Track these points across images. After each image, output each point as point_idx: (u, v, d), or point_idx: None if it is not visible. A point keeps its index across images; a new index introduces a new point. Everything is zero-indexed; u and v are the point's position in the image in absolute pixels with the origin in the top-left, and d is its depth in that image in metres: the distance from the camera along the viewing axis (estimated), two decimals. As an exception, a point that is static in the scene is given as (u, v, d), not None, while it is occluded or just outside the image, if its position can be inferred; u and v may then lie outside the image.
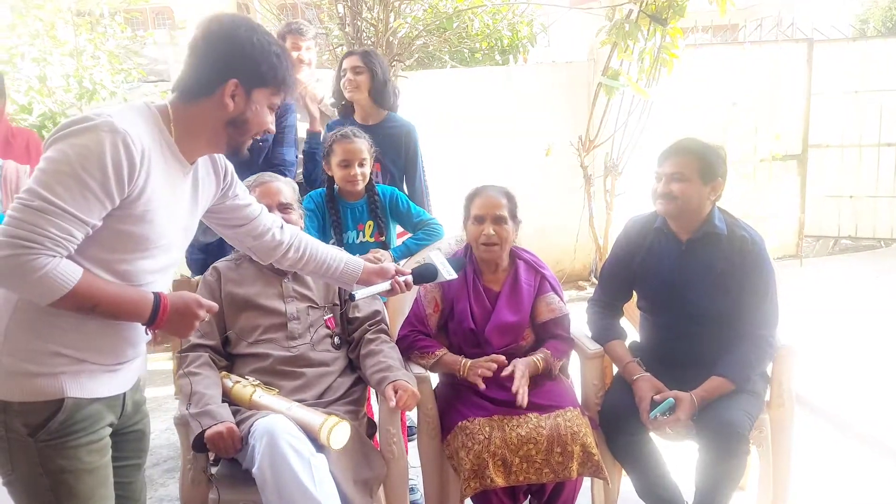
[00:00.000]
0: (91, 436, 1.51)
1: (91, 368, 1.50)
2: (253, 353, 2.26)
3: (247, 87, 1.50)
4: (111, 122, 1.36)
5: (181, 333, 1.58)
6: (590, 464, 2.18)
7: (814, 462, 2.89)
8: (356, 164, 2.75)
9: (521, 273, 2.50)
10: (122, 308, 1.46)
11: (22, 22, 5.06)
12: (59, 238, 1.32)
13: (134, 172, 1.38)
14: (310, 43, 3.62)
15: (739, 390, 2.26)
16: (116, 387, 1.58)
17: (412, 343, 2.45)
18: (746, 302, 2.33)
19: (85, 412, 1.49)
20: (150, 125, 1.47)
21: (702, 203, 2.35)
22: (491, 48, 6.44)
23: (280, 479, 1.86)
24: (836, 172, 6.35)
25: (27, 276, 1.30)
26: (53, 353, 1.45)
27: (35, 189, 1.31)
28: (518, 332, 2.44)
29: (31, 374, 1.43)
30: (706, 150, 2.34)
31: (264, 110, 1.56)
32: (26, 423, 1.44)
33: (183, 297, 1.56)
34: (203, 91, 1.50)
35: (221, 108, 1.50)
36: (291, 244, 1.90)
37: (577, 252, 5.68)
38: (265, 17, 7.65)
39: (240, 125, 1.54)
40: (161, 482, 3.00)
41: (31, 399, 1.44)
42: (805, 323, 4.37)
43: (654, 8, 4.34)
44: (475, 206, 2.48)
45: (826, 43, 6.10)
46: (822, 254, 6.64)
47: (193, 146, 1.56)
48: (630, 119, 4.82)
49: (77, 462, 1.49)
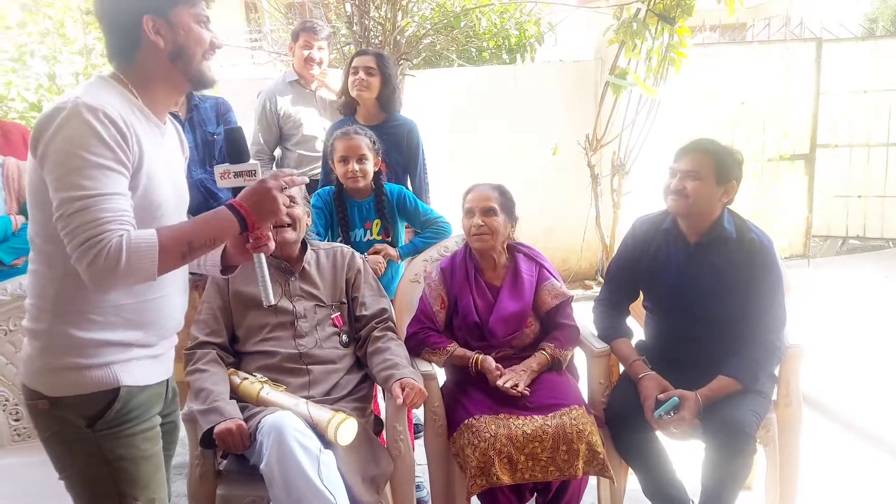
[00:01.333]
0: (145, 423, 1.54)
1: (138, 355, 1.52)
2: (260, 351, 2.27)
3: (162, 16, 1.47)
4: (84, 102, 1.35)
5: (275, 214, 1.53)
6: (595, 462, 2.18)
7: (821, 462, 2.88)
8: (354, 160, 2.76)
9: (520, 265, 2.56)
10: (213, 231, 1.45)
11: (32, 20, 5.09)
12: (117, 217, 1.33)
13: (127, 140, 1.39)
14: (322, 43, 3.63)
15: (746, 390, 2.26)
16: (162, 373, 1.62)
17: (423, 339, 2.47)
18: (754, 305, 2.32)
19: (138, 400, 1.52)
20: (115, 94, 1.46)
21: (713, 204, 2.34)
22: (498, 47, 6.44)
23: (288, 475, 1.87)
24: (844, 172, 6.32)
25: (118, 266, 1.31)
26: (100, 342, 1.46)
27: (64, 196, 1.32)
28: (521, 320, 2.48)
29: (82, 367, 1.45)
30: (724, 152, 2.34)
31: (195, 27, 1.50)
32: (83, 415, 1.46)
33: (248, 189, 1.53)
34: (130, 44, 1.48)
35: (155, 49, 1.48)
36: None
37: (584, 251, 5.68)
38: (273, 16, 7.69)
39: (181, 54, 1.50)
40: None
41: (85, 391, 1.46)
42: (812, 323, 4.36)
43: (662, 7, 4.32)
44: (467, 200, 2.57)
45: (835, 42, 6.07)
46: (830, 254, 6.62)
47: (158, 99, 1.54)
48: (637, 118, 4.81)
49: (135, 450, 1.51)
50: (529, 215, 5.88)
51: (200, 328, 2.28)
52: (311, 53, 3.60)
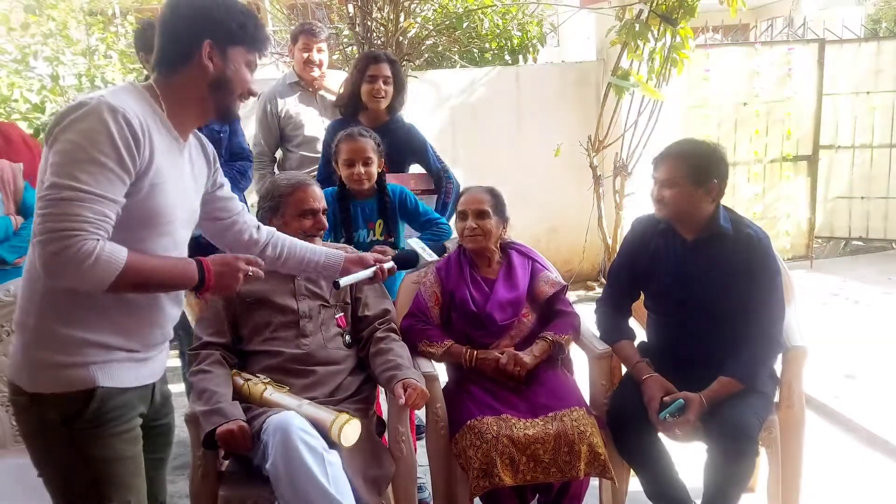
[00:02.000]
0: (124, 425, 1.54)
1: (120, 357, 1.52)
2: (264, 351, 2.28)
3: (221, 47, 1.53)
4: (107, 101, 1.38)
5: (229, 289, 1.60)
6: (596, 463, 2.18)
7: (823, 464, 2.88)
8: (360, 163, 2.76)
9: (514, 259, 2.65)
10: (172, 277, 1.51)
11: (35, 22, 5.11)
12: (97, 221, 1.34)
13: (139, 144, 1.41)
14: (322, 45, 3.63)
15: (748, 390, 2.26)
16: (146, 376, 1.61)
17: (421, 331, 2.49)
18: (753, 299, 2.32)
19: (117, 401, 1.52)
20: (141, 102, 1.50)
21: (697, 206, 2.34)
22: (501, 48, 6.43)
23: (294, 475, 1.87)
24: (847, 173, 6.31)
25: (81, 265, 1.32)
26: (82, 342, 1.47)
27: (59, 181, 1.33)
28: (517, 306, 2.53)
29: (62, 366, 1.46)
30: (699, 154, 2.33)
31: (243, 69, 1.58)
32: (60, 413, 1.47)
33: (221, 256, 1.60)
34: (181, 59, 1.52)
35: (202, 72, 1.53)
36: (269, 242, 1.92)
37: (587, 252, 5.67)
38: (275, 17, 7.69)
39: (223, 86, 1.56)
40: (170, 479, 2.98)
41: (63, 390, 1.46)
42: (814, 324, 4.35)
43: (665, 8, 4.33)
44: (460, 203, 2.65)
45: (837, 43, 6.06)
46: (833, 255, 6.60)
47: (184, 118, 1.58)
48: (640, 119, 4.81)
49: (111, 451, 1.52)
50: (532, 216, 5.90)
51: (204, 327, 2.29)
52: (310, 56, 3.60)
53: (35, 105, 4.56)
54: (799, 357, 2.41)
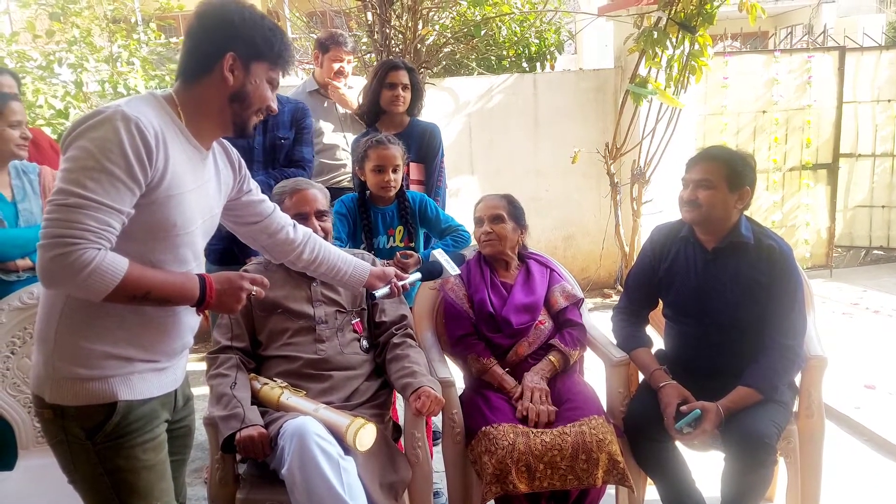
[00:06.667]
0: (146, 434, 1.55)
1: (140, 369, 1.53)
2: (281, 356, 2.29)
3: (244, 60, 1.53)
4: (122, 111, 1.39)
5: (230, 310, 1.59)
6: (615, 472, 2.18)
7: (843, 474, 2.85)
8: (390, 170, 2.79)
9: (532, 267, 2.68)
10: (172, 292, 1.49)
11: (60, 29, 5.18)
12: (100, 230, 1.35)
13: (152, 155, 1.40)
14: (351, 56, 3.67)
15: (767, 400, 2.24)
16: (168, 384, 1.62)
17: (472, 345, 2.52)
18: (773, 311, 2.31)
19: (138, 412, 1.52)
20: (159, 111, 1.50)
21: (728, 211, 2.34)
22: (518, 55, 6.44)
23: (310, 481, 1.88)
24: (867, 182, 6.25)
25: (79, 273, 1.32)
26: (102, 354, 1.48)
27: (66, 187, 1.34)
28: (534, 311, 2.56)
29: (83, 379, 1.47)
30: (734, 158, 2.34)
31: (264, 85, 1.57)
32: (83, 426, 1.48)
33: (225, 274, 1.59)
34: (203, 69, 1.52)
35: (222, 83, 1.53)
36: (305, 244, 1.92)
37: (603, 259, 5.65)
38: (295, 25, 7.76)
39: (242, 100, 1.55)
40: (188, 481, 3.03)
41: (84, 403, 1.47)
42: (835, 334, 4.31)
43: (683, 15, 4.32)
44: (477, 210, 2.70)
45: (858, 51, 6.02)
46: (853, 264, 6.53)
47: (202, 128, 1.58)
48: (657, 127, 4.80)
49: (135, 461, 1.53)
50: (549, 223, 5.88)
51: (223, 332, 2.30)
52: (342, 67, 3.62)
53: (59, 111, 4.62)
54: (819, 366, 2.39)
